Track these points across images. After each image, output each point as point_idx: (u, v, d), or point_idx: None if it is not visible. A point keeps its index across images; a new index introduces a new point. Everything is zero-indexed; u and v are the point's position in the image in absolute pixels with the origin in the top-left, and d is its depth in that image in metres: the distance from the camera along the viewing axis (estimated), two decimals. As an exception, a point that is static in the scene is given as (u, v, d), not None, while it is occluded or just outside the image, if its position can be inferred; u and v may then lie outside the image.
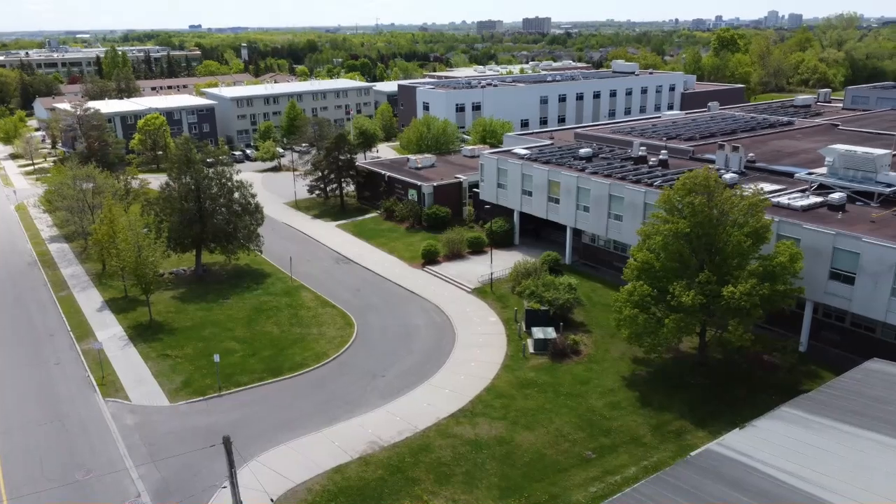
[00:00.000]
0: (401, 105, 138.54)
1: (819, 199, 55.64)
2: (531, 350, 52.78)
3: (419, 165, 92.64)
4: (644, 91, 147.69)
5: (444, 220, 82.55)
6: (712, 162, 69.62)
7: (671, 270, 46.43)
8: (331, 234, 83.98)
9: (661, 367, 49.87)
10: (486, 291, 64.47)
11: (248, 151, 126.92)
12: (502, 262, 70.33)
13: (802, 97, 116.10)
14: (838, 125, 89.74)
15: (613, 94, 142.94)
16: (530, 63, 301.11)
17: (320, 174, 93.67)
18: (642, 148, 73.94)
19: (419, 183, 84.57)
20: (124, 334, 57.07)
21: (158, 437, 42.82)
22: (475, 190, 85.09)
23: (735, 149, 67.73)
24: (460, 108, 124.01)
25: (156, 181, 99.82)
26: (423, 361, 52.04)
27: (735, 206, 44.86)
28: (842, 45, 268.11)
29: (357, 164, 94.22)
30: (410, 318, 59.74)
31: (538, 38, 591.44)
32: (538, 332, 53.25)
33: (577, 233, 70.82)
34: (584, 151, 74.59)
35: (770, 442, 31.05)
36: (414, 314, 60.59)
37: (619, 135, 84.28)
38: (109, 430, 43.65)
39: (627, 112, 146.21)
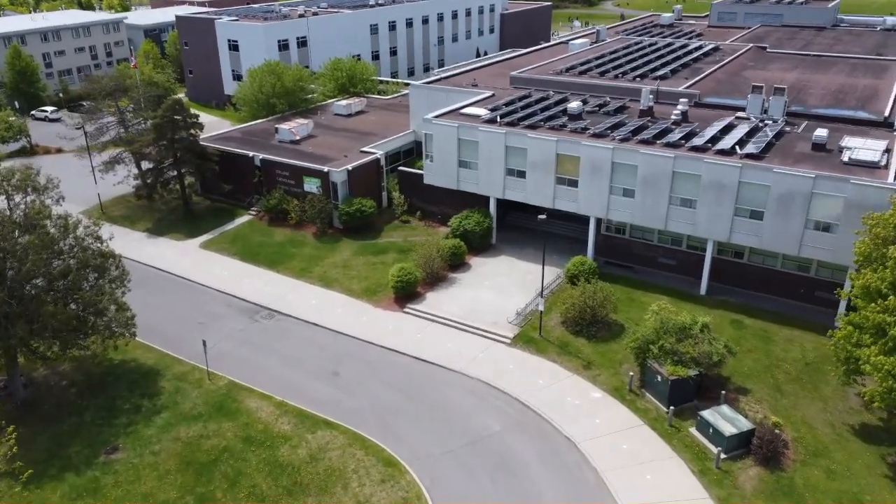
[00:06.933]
0: (185, 44, 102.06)
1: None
2: (723, 456, 32.96)
3: (296, 137, 64.01)
4: (468, 13, 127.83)
5: (369, 219, 56.94)
6: (739, 108, 53.95)
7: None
8: (202, 263, 53.37)
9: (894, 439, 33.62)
10: (534, 339, 42.40)
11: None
12: (500, 279, 48.72)
13: (667, 16, 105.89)
14: (766, 48, 79.47)
15: (441, 18, 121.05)
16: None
17: (143, 164, 60.76)
18: (650, 97, 55.28)
19: (324, 168, 56.96)
20: None
21: None
22: (402, 169, 60.27)
23: (779, 91, 52.30)
24: (284, 46, 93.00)
25: None
26: (587, 526, 29.66)
27: None
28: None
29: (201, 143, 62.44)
30: (472, 422, 35.94)
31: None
32: (723, 425, 33.37)
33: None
34: (574, 106, 53.93)
35: None
36: (469, 411, 36.76)
37: (571, 76, 64.46)
38: None
39: (454, 39, 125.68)
